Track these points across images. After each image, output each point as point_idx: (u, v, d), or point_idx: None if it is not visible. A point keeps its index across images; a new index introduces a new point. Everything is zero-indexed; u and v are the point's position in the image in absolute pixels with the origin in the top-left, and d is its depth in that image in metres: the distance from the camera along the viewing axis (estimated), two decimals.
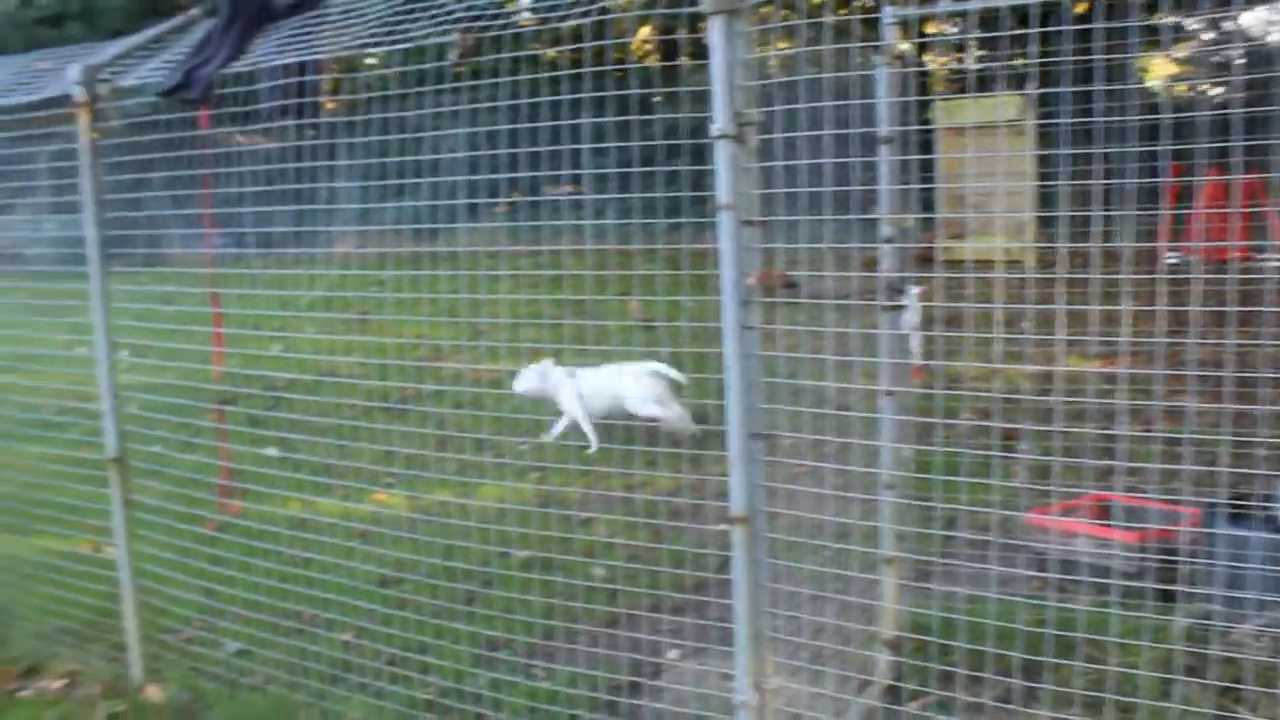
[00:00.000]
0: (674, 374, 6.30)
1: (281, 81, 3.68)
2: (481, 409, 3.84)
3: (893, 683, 3.35)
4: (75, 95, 3.87)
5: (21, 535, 4.94)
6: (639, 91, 3.10)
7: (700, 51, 2.65)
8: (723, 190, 2.63)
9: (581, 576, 3.99)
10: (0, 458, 5.48)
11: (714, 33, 2.60)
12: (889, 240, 3.34)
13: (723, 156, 2.62)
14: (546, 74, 3.17)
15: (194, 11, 4.31)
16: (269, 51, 3.65)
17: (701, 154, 3.11)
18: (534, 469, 5.53)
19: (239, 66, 3.65)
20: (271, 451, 5.17)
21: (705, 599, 3.42)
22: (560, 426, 6.74)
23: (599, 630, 3.81)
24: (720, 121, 2.61)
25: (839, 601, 3.11)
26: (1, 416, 5.57)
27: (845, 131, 3.03)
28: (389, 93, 3.60)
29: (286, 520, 4.37)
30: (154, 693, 4.09)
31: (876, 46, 3.21)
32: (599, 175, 3.49)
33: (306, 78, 3.68)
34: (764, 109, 2.75)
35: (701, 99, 2.90)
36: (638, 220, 3.45)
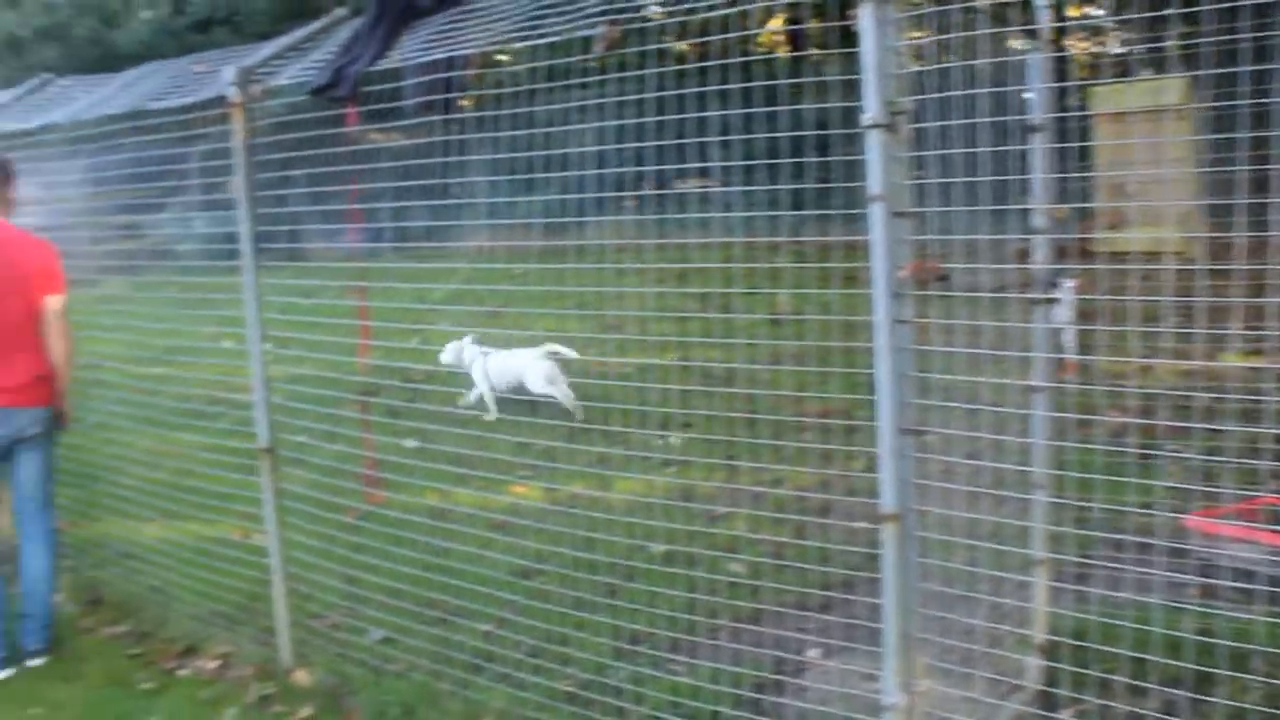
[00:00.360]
0: (568, 352, 6.82)
1: (426, 78, 3.73)
2: (616, 402, 3.82)
3: (1045, 689, 3.24)
4: (230, 96, 3.98)
5: (177, 521, 5.12)
6: (784, 82, 3.05)
7: (839, 40, 2.59)
8: (874, 181, 2.56)
9: (719, 572, 3.97)
10: (156, 446, 5.69)
11: (865, 19, 2.54)
12: (1041, 231, 3.22)
13: (874, 146, 2.55)
14: (690, 65, 3.15)
15: (340, 12, 4.40)
16: (414, 49, 3.70)
17: (830, 145, 3.06)
18: (670, 462, 5.52)
19: (385, 64, 3.70)
20: (410, 443, 5.27)
21: (848, 597, 3.36)
22: (471, 397, 7.20)
23: (739, 626, 3.77)
24: (871, 110, 2.54)
25: (988, 603, 3.02)
26: (156, 406, 5.79)
27: (997, 119, 2.94)
28: (523, 88, 3.61)
29: (426, 510, 4.45)
30: (302, 676, 4.19)
31: (1030, 30, 3.10)
32: (738, 168, 3.45)
33: (450, 74, 3.71)
34: (915, 97, 2.67)
35: (837, 89, 2.85)
36: (783, 213, 3.40)
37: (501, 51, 3.85)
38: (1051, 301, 3.29)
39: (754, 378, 4.48)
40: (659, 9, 3.59)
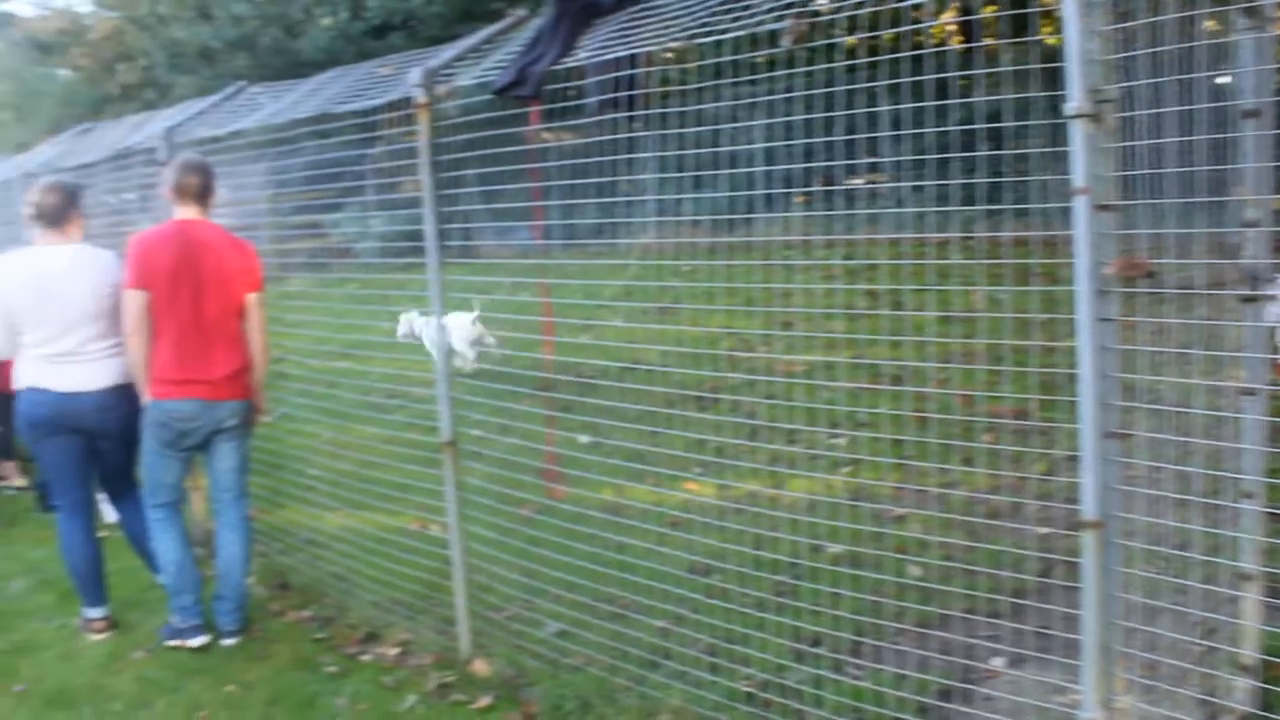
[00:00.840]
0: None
1: (607, 76, 3.74)
2: (791, 400, 3.78)
3: (1256, 712, 3.06)
4: (416, 97, 4.08)
5: (359, 510, 5.28)
6: (976, 72, 2.96)
7: (1024, 29, 2.49)
8: (1078, 173, 2.47)
9: (898, 574, 3.89)
10: (338, 437, 5.90)
11: (1068, 4, 2.44)
12: (1256, 224, 3.04)
13: (1078, 137, 2.46)
14: (862, 60, 3.07)
15: (521, 12, 4.46)
16: (596, 47, 3.72)
17: (1014, 137, 2.95)
18: (846, 461, 5.43)
19: (567, 63, 3.73)
20: (584, 439, 5.32)
21: (1041, 605, 3.24)
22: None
23: (922, 631, 3.69)
24: (1075, 100, 2.45)
25: (1194, 617, 2.87)
26: (338, 399, 5.99)
27: (1207, 106, 2.79)
28: (693, 86, 3.59)
29: (599, 506, 4.48)
30: (480, 667, 4.27)
31: (1251, 8, 2.92)
32: (919, 162, 3.36)
33: (632, 71, 3.72)
34: (1120, 84, 2.56)
35: (1025, 78, 2.74)
36: (976, 208, 3.29)
37: (676, 49, 3.84)
38: (1266, 298, 3.10)
39: (936, 376, 4.37)
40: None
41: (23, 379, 4.85)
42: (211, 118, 5.85)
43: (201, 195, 4.71)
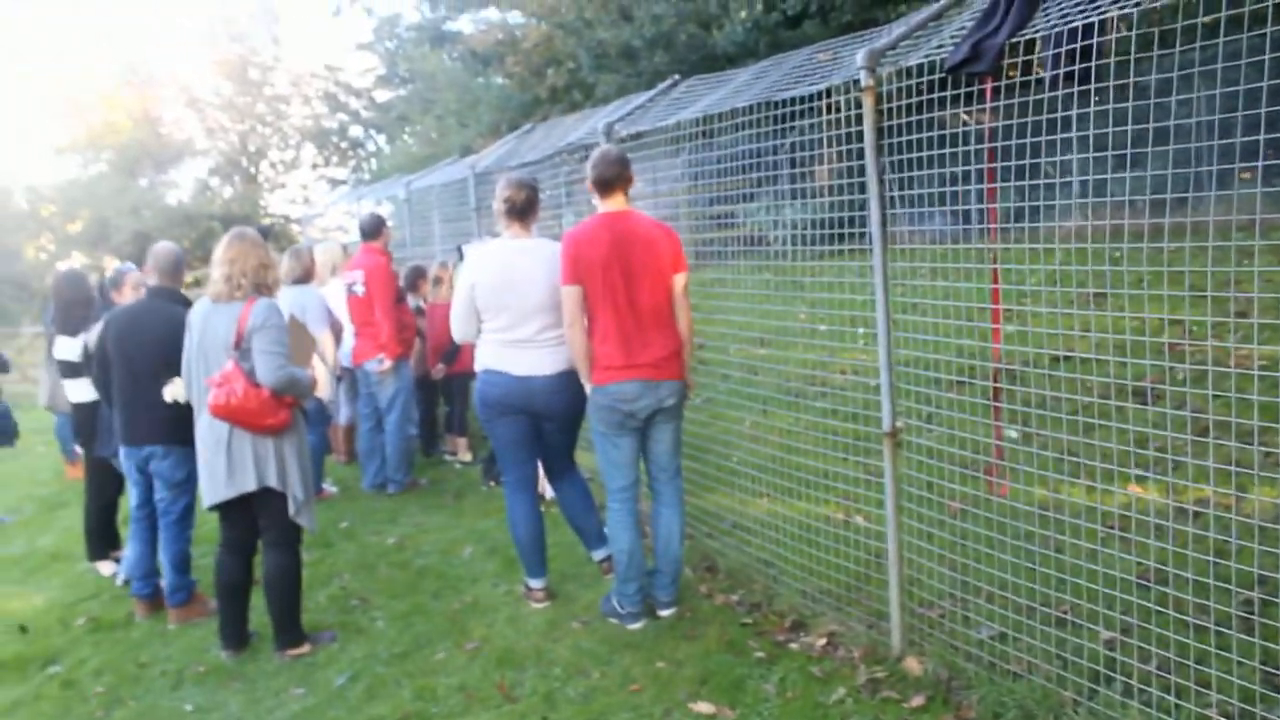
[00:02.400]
0: None
1: (1066, 48, 3.48)
2: (1247, 395, 3.34)
3: None
4: (861, 80, 3.99)
5: (784, 497, 5.29)
6: None
7: None
8: None
9: None
10: (762, 423, 5.94)
11: None
12: None
13: None
14: None
15: None
16: (1056, 16, 3.47)
17: None
18: None
19: (1026, 34, 3.52)
20: (1012, 434, 5.05)
21: None
22: None
23: None
24: None
25: None
26: (761, 385, 6.03)
27: None
28: (1150, 53, 3.24)
29: (1033, 503, 4.21)
30: (912, 665, 4.14)
31: None
32: None
33: (1092, 41, 3.44)
34: None
35: None
36: None
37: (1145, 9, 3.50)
38: None
39: None
40: None
41: (482, 361, 5.24)
42: (651, 112, 6.06)
43: (624, 185, 4.89)
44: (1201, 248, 3.61)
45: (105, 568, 7.26)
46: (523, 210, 5.18)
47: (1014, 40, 3.50)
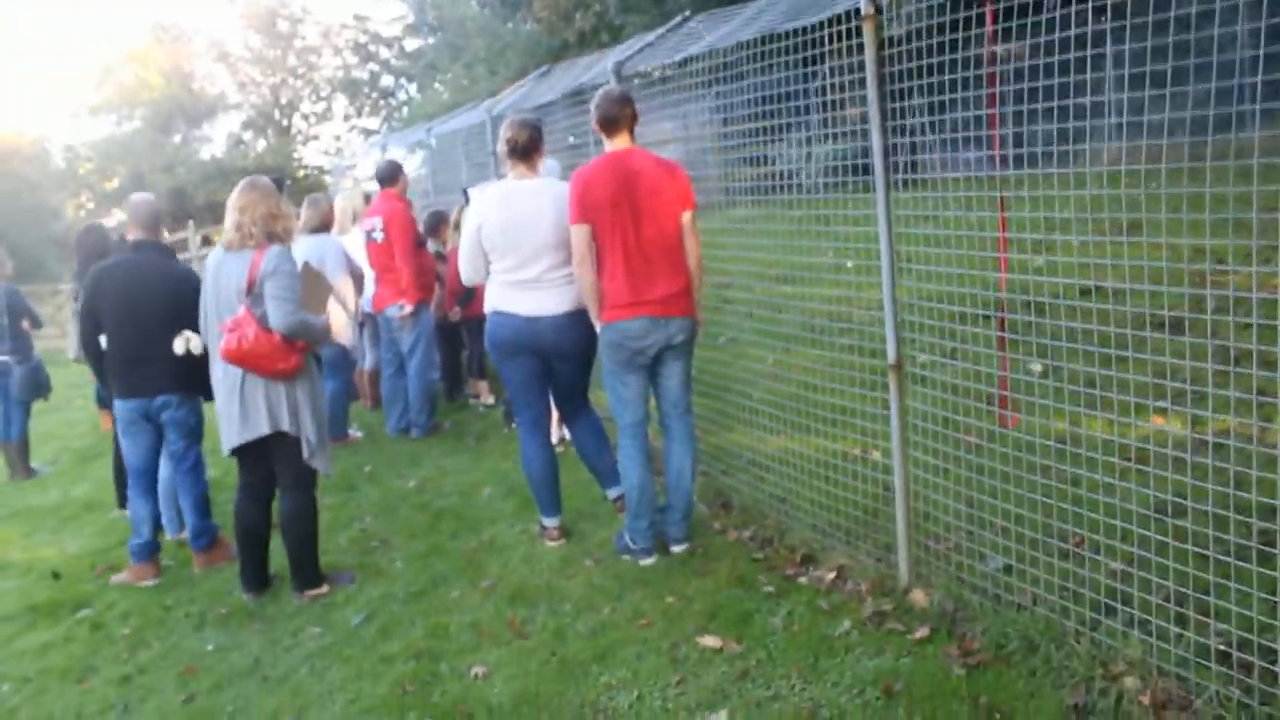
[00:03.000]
0: None
1: None
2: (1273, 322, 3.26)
3: None
4: (862, 8, 3.91)
5: (800, 433, 5.26)
6: None
7: None
8: None
9: None
10: (783, 360, 5.91)
11: None
12: None
13: None
14: None
15: None
16: None
17: None
18: None
19: None
20: (1036, 367, 4.98)
21: None
22: None
23: None
24: None
25: None
26: (783, 323, 5.98)
27: None
28: None
29: (1052, 436, 4.17)
30: (919, 597, 4.13)
31: None
32: None
33: None
34: None
35: None
36: None
37: None
38: None
39: None
40: None
41: (490, 303, 5.23)
42: (659, 50, 5.98)
43: (629, 124, 4.85)
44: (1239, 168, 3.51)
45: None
46: (525, 150, 5.14)
47: None
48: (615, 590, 4.82)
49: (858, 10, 3.95)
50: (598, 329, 4.96)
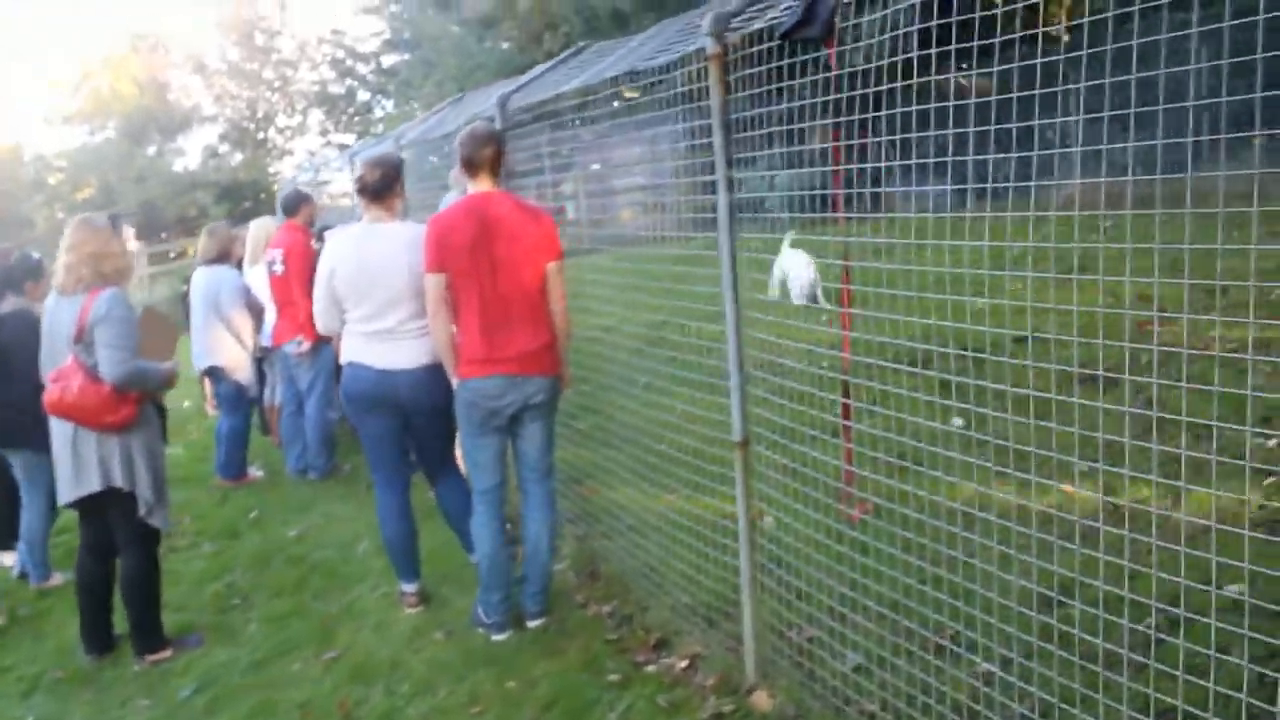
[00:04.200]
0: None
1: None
2: (1208, 385, 2.88)
3: None
4: (708, 48, 3.57)
5: (691, 493, 4.74)
6: None
7: None
8: None
9: None
10: (689, 411, 5.42)
11: None
12: None
13: None
14: None
15: None
16: None
17: None
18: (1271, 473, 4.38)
19: None
20: (958, 421, 4.60)
21: None
22: None
23: None
24: None
25: None
26: (707, 368, 5.50)
27: None
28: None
29: (944, 509, 3.76)
30: (761, 699, 3.75)
31: None
32: None
33: None
34: None
35: None
36: None
37: None
38: None
39: None
40: None
41: (345, 354, 4.88)
42: (546, 82, 5.63)
43: (491, 165, 4.49)
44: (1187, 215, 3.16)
45: (9, 558, 6.98)
46: (376, 190, 4.77)
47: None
48: (459, 669, 4.44)
49: (703, 50, 3.61)
50: (454, 385, 4.60)
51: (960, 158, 3.05)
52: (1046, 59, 2.58)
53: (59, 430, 4.81)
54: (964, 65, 2.97)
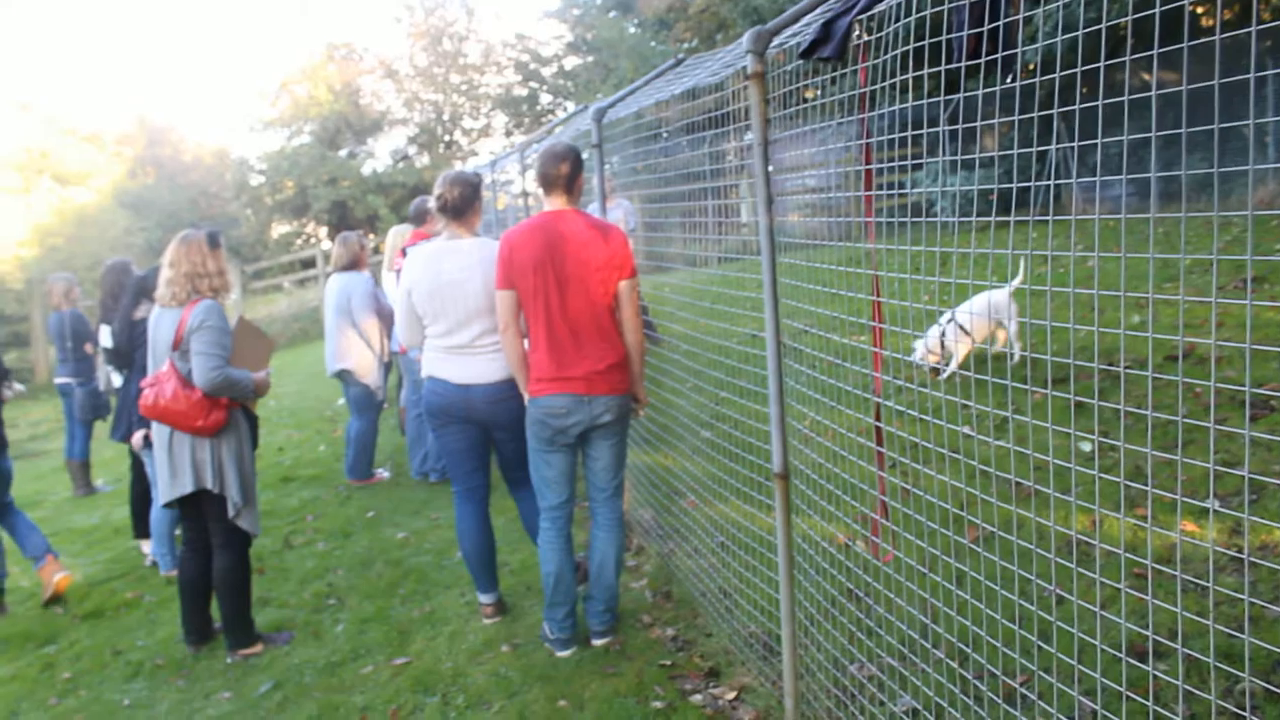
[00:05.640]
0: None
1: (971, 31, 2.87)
2: None
3: None
4: (749, 66, 3.46)
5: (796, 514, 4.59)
6: None
7: None
8: None
9: None
10: (818, 423, 5.28)
11: None
12: None
13: None
14: None
15: None
16: None
17: None
18: None
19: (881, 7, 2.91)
20: (1086, 446, 4.36)
21: None
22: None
23: None
24: None
25: None
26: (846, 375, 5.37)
27: None
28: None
29: (1052, 538, 3.52)
30: None
31: None
32: None
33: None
34: None
35: None
36: None
37: None
38: None
39: None
40: None
41: (425, 368, 4.94)
42: (642, 95, 5.58)
43: (565, 184, 4.47)
44: None
45: (146, 545, 7.37)
46: (456, 209, 4.82)
47: (868, 16, 2.92)
48: (515, 684, 4.44)
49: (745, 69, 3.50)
50: (525, 401, 4.60)
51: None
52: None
53: (158, 433, 5.05)
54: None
